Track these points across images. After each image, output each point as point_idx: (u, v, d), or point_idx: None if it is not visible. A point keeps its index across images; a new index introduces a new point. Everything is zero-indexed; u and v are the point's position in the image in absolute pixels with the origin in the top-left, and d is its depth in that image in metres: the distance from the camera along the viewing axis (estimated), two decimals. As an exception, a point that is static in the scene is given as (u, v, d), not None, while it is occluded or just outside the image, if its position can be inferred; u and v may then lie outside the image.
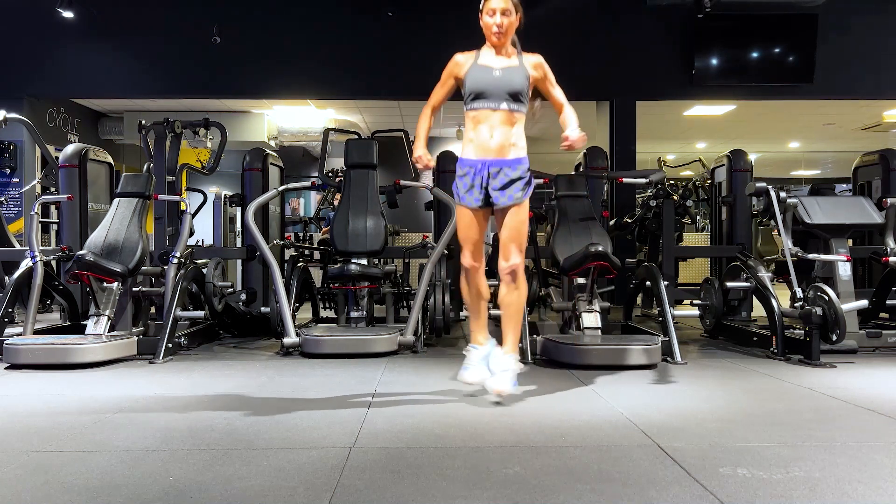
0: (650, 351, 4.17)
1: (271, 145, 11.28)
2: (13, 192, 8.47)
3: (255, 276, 6.03)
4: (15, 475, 2.27)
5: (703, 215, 10.39)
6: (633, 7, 8.19)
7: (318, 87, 8.68)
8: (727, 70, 8.43)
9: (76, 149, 6.06)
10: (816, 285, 4.40)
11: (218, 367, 4.30)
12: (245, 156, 6.19)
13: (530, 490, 2.10)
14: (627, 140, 8.50)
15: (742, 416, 3.05)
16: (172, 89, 8.67)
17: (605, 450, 2.51)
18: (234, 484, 2.17)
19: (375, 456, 2.45)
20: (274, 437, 2.68)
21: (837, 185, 10.03)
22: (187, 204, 5.34)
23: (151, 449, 2.54)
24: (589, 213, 5.18)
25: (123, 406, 3.24)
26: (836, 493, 2.08)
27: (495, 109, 3.18)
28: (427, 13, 8.24)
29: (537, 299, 5.26)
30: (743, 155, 6.37)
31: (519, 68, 3.26)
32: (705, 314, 5.55)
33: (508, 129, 3.21)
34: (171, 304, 4.71)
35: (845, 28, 8.28)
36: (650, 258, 6.82)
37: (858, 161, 6.75)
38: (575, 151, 3.91)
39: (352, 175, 5.48)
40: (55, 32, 8.21)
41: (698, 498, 2.04)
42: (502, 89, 3.18)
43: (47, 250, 5.42)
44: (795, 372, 4.06)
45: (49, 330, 5.23)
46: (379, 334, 4.65)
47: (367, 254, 5.19)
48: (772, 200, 4.77)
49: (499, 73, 3.21)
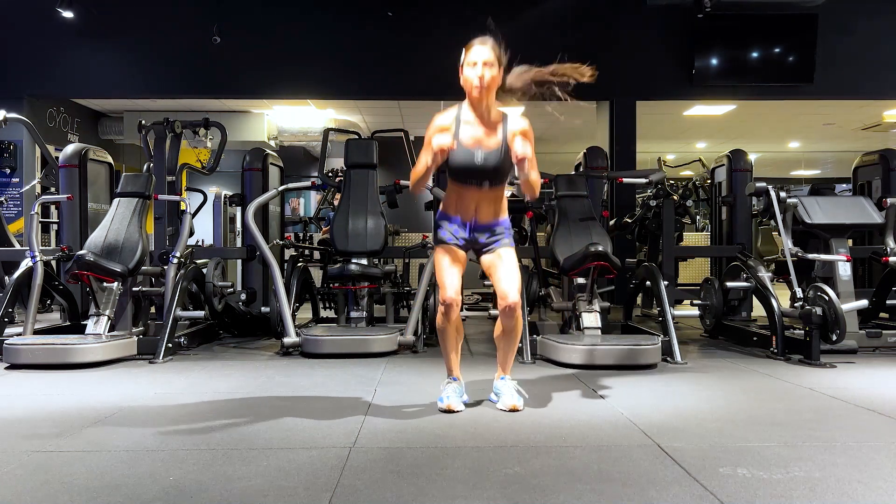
0: (650, 351, 4.17)
1: (271, 145, 11.28)
2: (13, 192, 8.47)
3: (255, 276, 6.03)
4: (15, 475, 2.27)
5: (703, 215, 10.39)
6: (633, 7, 8.19)
7: (318, 87, 8.68)
8: (727, 70, 8.43)
9: (76, 149, 6.07)
10: (816, 285, 4.40)
11: (218, 367, 4.30)
12: (245, 156, 6.19)
13: (530, 490, 2.10)
14: (627, 140, 8.50)
15: (742, 416, 3.05)
16: (172, 89, 8.68)
17: (605, 450, 2.51)
18: (234, 484, 2.17)
19: (375, 456, 2.45)
20: (274, 437, 2.68)
21: (837, 185, 10.05)
22: (187, 204, 5.34)
23: (151, 449, 2.54)
24: (589, 213, 5.18)
25: (123, 406, 3.24)
26: (836, 493, 2.08)
27: (479, 189, 3.04)
28: (426, 13, 8.25)
29: (537, 299, 5.26)
30: (743, 155, 6.37)
31: (500, 147, 2.99)
32: (705, 314, 5.55)
33: (492, 202, 3.09)
34: (171, 304, 4.71)
35: (845, 28, 8.28)
36: (650, 258, 6.82)
37: (858, 161, 6.75)
38: (575, 151, 3.89)
39: (352, 175, 5.48)
40: (55, 32, 8.21)
41: (698, 498, 2.04)
42: (486, 175, 3.00)
43: (47, 250, 5.42)
44: (795, 372, 4.06)
45: (49, 330, 5.23)
46: (379, 334, 4.65)
47: (367, 254, 5.19)
48: (772, 200, 4.77)
49: (480, 161, 2.97)
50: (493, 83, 2.96)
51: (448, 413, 3.04)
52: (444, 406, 3.07)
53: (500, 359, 3.25)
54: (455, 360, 3.22)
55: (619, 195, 8.28)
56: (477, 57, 2.93)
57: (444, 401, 3.10)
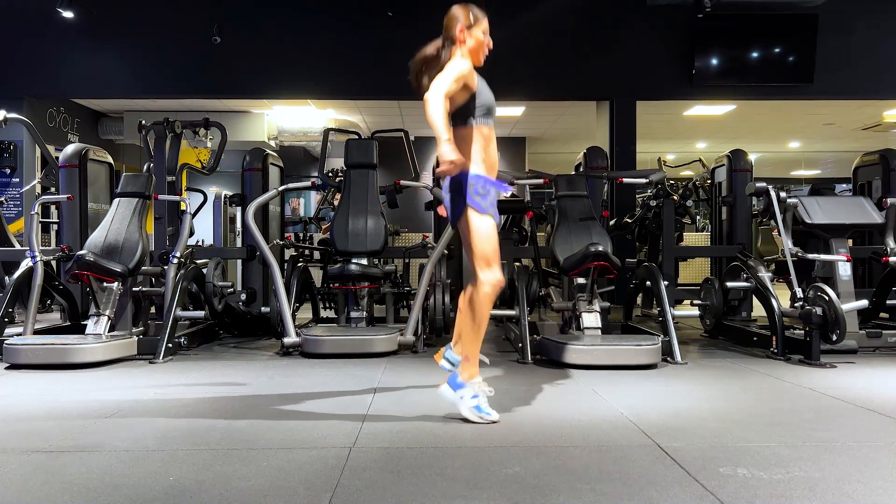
0: (650, 351, 4.17)
1: (271, 145, 11.28)
2: (13, 192, 8.47)
3: (255, 276, 6.03)
4: (15, 475, 2.27)
5: (703, 215, 10.39)
6: (633, 7, 8.19)
7: (318, 87, 8.68)
8: (727, 70, 8.42)
9: (76, 149, 6.07)
10: (816, 285, 4.40)
11: (218, 367, 4.30)
12: (245, 156, 6.19)
13: (530, 490, 2.10)
14: (627, 140, 8.49)
15: (742, 416, 3.05)
16: (172, 89, 8.67)
17: (605, 450, 2.51)
18: (234, 484, 2.17)
19: (375, 456, 2.45)
20: (274, 437, 2.68)
21: (837, 185, 10.06)
22: (187, 204, 5.34)
23: (151, 449, 2.54)
24: (589, 213, 5.18)
25: (123, 406, 3.24)
26: (836, 493, 2.08)
27: (492, 129, 3.10)
28: (426, 13, 8.22)
29: (537, 299, 5.26)
30: (743, 155, 6.38)
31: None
32: (705, 314, 5.55)
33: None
34: (171, 304, 4.71)
35: (845, 28, 8.28)
36: (650, 258, 6.82)
37: (858, 161, 6.76)
38: (575, 151, 3.87)
39: (352, 175, 5.48)
40: (55, 32, 8.21)
41: (698, 498, 2.04)
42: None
43: (47, 250, 5.42)
44: (795, 372, 4.06)
45: (49, 330, 5.23)
46: (379, 334, 4.65)
47: (367, 254, 5.19)
48: (772, 200, 4.77)
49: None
50: None
51: (494, 424, 2.85)
52: (493, 417, 2.87)
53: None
54: (478, 350, 3.02)
55: (619, 195, 8.28)
56: (487, 27, 3.10)
57: (486, 412, 2.88)
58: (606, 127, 8.64)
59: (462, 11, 3.07)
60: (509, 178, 5.29)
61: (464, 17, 3.06)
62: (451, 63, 3.00)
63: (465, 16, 3.06)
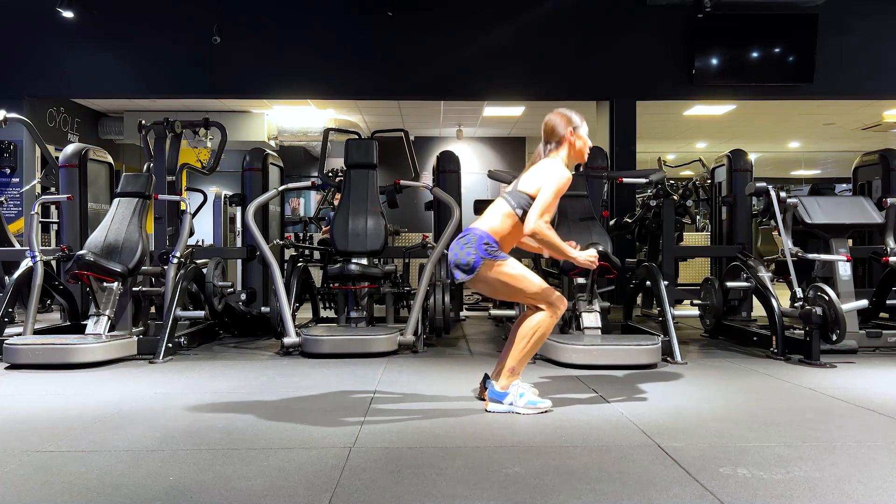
0: (650, 351, 4.17)
1: (271, 145, 11.28)
2: (13, 192, 8.47)
3: (255, 276, 6.03)
4: (15, 475, 2.27)
5: (703, 215, 10.38)
6: (633, 7, 8.19)
7: (318, 87, 8.68)
8: (727, 70, 8.43)
9: (76, 149, 6.06)
10: (816, 285, 4.40)
11: (218, 367, 4.30)
12: (245, 156, 6.19)
13: (530, 490, 2.10)
14: (627, 140, 8.49)
15: (742, 416, 3.05)
16: (172, 89, 8.67)
17: (605, 450, 2.51)
18: (234, 484, 2.17)
19: (375, 456, 2.45)
20: (274, 437, 2.68)
21: (837, 185, 10.05)
22: (187, 204, 5.34)
23: (151, 449, 2.54)
24: (589, 212, 5.18)
25: (123, 406, 3.24)
26: (836, 493, 2.08)
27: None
28: (426, 13, 8.24)
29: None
30: (743, 155, 6.37)
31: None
32: (705, 314, 5.55)
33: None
34: (171, 304, 4.71)
35: (845, 28, 8.28)
36: (650, 258, 6.81)
37: (858, 161, 6.75)
38: None
39: (352, 175, 5.48)
40: (55, 32, 8.21)
41: (698, 498, 2.04)
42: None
43: (47, 250, 5.42)
44: (795, 372, 4.06)
45: (49, 330, 5.23)
46: (379, 334, 4.65)
47: (367, 254, 5.19)
48: (772, 200, 4.77)
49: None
50: None
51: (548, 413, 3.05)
52: (546, 406, 3.09)
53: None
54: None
55: (619, 195, 8.28)
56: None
57: (538, 402, 3.11)
58: (606, 127, 8.64)
59: (566, 114, 3.24)
60: (509, 178, 5.29)
61: (571, 120, 3.23)
62: (554, 172, 3.11)
63: (570, 119, 3.23)
